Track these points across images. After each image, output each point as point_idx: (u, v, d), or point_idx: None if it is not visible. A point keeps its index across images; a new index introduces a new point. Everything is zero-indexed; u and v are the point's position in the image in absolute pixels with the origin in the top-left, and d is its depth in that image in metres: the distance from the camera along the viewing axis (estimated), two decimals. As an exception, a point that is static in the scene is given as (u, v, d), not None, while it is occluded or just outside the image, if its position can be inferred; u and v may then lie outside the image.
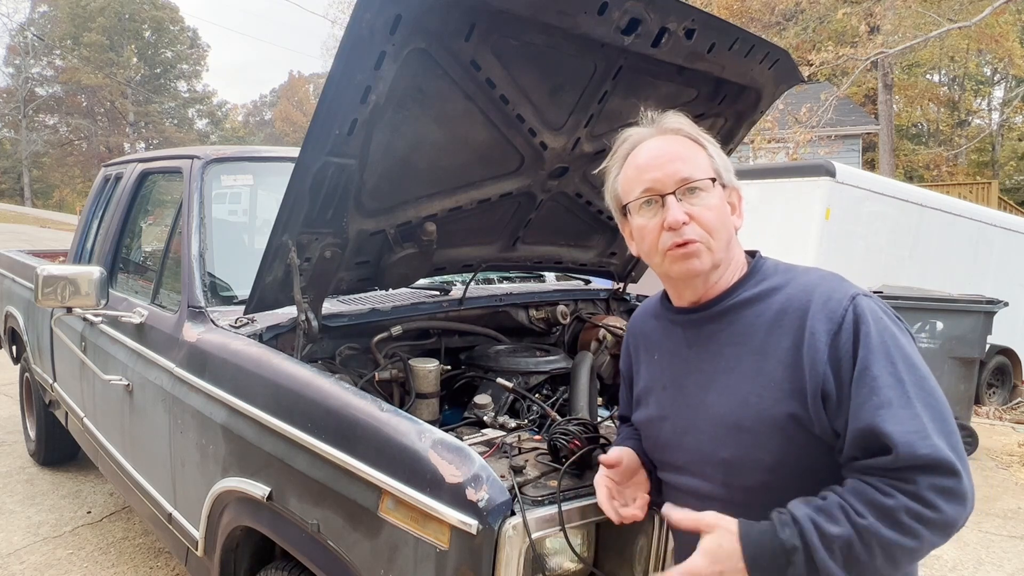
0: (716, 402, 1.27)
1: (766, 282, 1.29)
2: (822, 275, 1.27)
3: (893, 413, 1.11)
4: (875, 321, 1.18)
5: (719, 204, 1.29)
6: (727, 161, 1.35)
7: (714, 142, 1.35)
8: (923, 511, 1.07)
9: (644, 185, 1.29)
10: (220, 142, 47.45)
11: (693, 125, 1.35)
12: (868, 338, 1.16)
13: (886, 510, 1.07)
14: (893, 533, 1.07)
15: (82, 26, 41.28)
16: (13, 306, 4.74)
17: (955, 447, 1.11)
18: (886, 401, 1.12)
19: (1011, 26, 18.82)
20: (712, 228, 1.27)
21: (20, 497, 4.27)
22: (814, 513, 1.10)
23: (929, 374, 1.17)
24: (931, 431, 1.10)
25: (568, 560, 1.47)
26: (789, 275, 1.30)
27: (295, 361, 1.94)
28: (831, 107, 12.69)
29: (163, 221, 3.36)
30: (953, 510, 1.08)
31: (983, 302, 5.55)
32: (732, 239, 1.33)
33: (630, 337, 1.56)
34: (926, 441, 1.09)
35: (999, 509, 4.59)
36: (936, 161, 22.73)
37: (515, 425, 1.98)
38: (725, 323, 1.30)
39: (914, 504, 1.07)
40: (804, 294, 1.23)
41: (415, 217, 2.24)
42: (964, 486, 1.09)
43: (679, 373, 1.37)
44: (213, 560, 2.18)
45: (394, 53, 1.72)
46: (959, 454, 1.11)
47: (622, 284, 3.18)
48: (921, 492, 1.07)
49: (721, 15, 8.93)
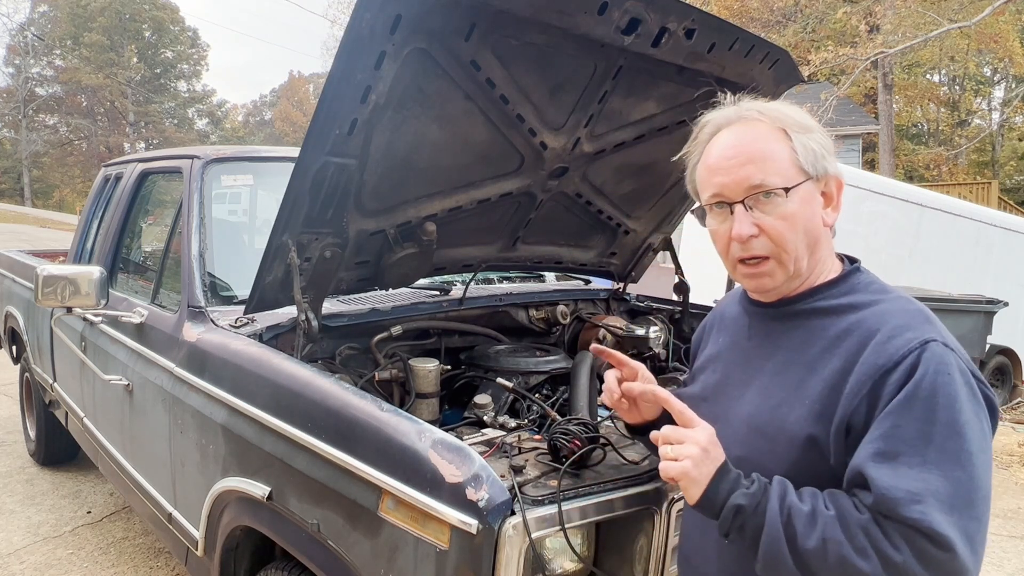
0: (750, 400, 1.25)
1: (848, 297, 1.19)
2: (909, 308, 1.15)
3: (893, 468, 1.02)
4: (937, 374, 1.05)
5: (797, 210, 1.16)
6: (822, 146, 1.19)
7: (807, 125, 1.20)
8: (889, 552, 1.00)
9: (713, 189, 1.21)
10: (220, 142, 47.48)
11: (781, 107, 1.22)
12: (917, 387, 1.04)
13: (850, 520, 1.03)
14: (844, 538, 1.02)
15: (82, 26, 41.29)
16: (13, 306, 4.74)
17: (964, 530, 1.00)
18: (892, 453, 1.03)
19: (1011, 26, 18.81)
20: (784, 241, 1.17)
21: (20, 497, 4.27)
22: (787, 488, 1.11)
23: (979, 456, 1.03)
24: (932, 501, 0.99)
25: (568, 560, 1.47)
26: (876, 296, 1.18)
27: (295, 361, 1.94)
28: (831, 107, 12.69)
29: (163, 221, 3.36)
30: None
31: (983, 302, 5.56)
32: (818, 241, 1.21)
33: (710, 315, 1.55)
34: (917, 506, 0.99)
35: (999, 509, 4.59)
36: (936, 161, 22.71)
37: (515, 425, 1.98)
38: (790, 326, 1.23)
39: (883, 540, 1.00)
40: (877, 321, 1.13)
41: (415, 217, 2.24)
42: (958, 565, 0.99)
43: (732, 362, 1.35)
44: (213, 560, 2.18)
45: (394, 53, 1.72)
46: (966, 538, 1.00)
47: (622, 284, 3.18)
48: (895, 540, 1.00)
49: (721, 15, 8.94)
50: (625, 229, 2.87)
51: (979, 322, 5.51)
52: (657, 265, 3.66)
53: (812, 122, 1.20)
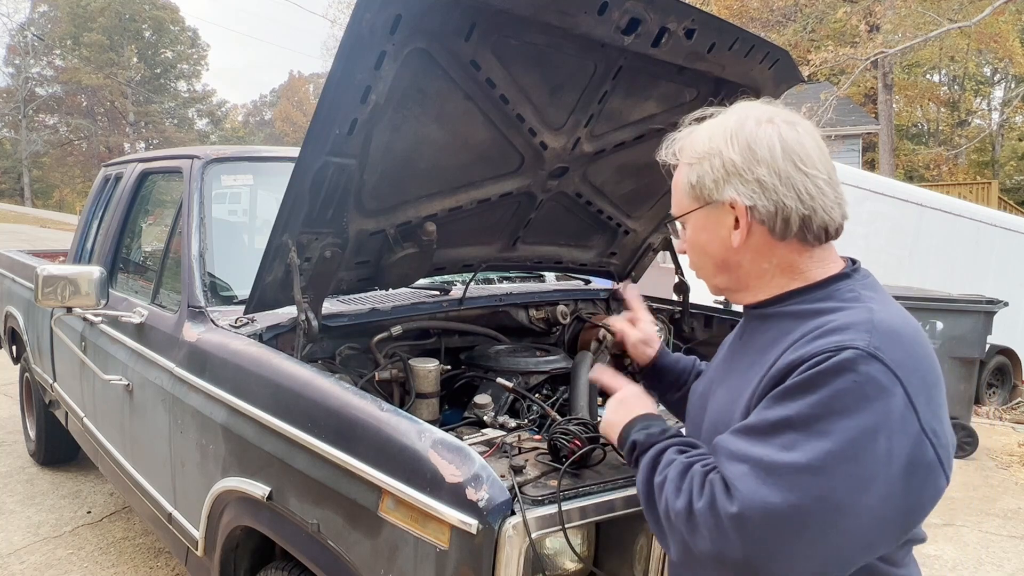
0: (717, 398, 1.27)
1: (821, 303, 1.14)
2: (862, 318, 1.06)
3: (738, 435, 1.06)
4: (834, 374, 0.99)
5: (692, 236, 1.25)
6: (719, 169, 1.17)
7: (706, 151, 1.19)
8: (693, 496, 1.05)
9: None
10: (220, 142, 47.44)
11: (696, 135, 1.23)
12: (805, 379, 1.01)
13: (693, 466, 1.10)
14: (676, 477, 1.10)
15: (82, 26, 41.27)
16: (13, 306, 4.74)
17: (770, 507, 0.97)
18: (747, 427, 1.05)
19: (1011, 26, 18.81)
20: (692, 263, 1.28)
21: (20, 497, 4.27)
22: (683, 441, 1.20)
23: (840, 466, 0.96)
24: (752, 468, 1.00)
25: (568, 560, 1.47)
26: (845, 304, 1.12)
27: (295, 361, 1.94)
28: (831, 107, 12.71)
29: (163, 221, 3.36)
30: (709, 531, 1.01)
31: (983, 302, 5.56)
32: (728, 263, 1.21)
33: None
34: (734, 464, 1.02)
35: (999, 509, 4.59)
36: (936, 161, 22.71)
37: (515, 425, 1.98)
38: (763, 328, 1.23)
39: (698, 487, 1.06)
40: (823, 323, 1.08)
41: (415, 217, 2.24)
42: (744, 533, 0.98)
43: (719, 361, 1.38)
44: (213, 560, 2.18)
45: (394, 53, 1.72)
46: (766, 515, 0.97)
47: (622, 284, 3.18)
48: (704, 488, 1.05)
49: (721, 15, 8.94)
50: (625, 229, 2.87)
51: (979, 322, 5.50)
52: (657, 265, 3.66)
53: (716, 145, 1.18)
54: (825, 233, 1.17)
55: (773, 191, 1.13)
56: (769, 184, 1.13)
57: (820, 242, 1.18)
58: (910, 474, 0.98)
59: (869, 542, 1.00)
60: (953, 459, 1.06)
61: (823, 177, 1.15)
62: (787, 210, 1.13)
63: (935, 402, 1.04)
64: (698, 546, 1.03)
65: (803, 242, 1.17)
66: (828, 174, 1.16)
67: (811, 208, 1.14)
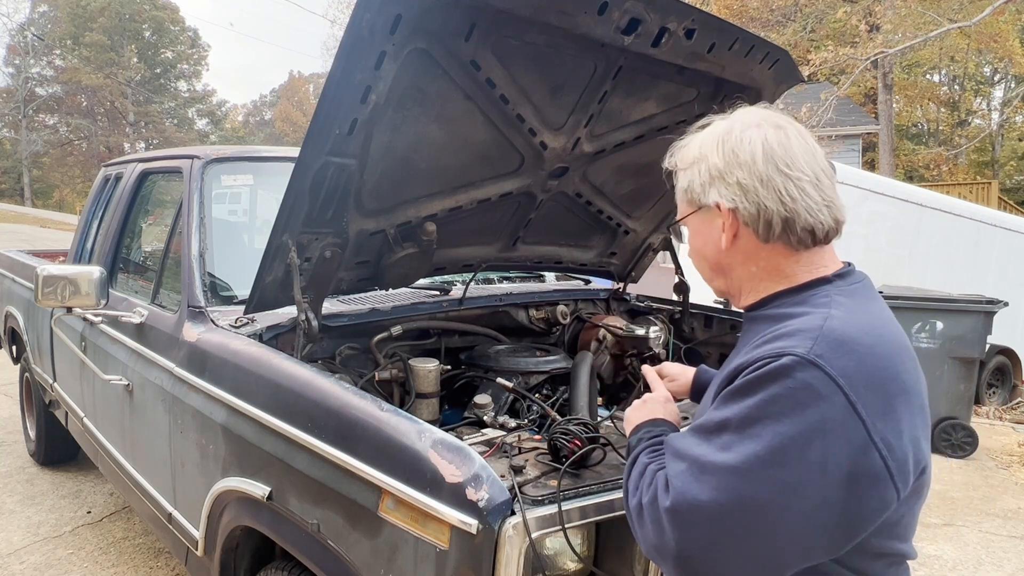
0: (706, 398, 1.28)
1: (796, 307, 1.13)
2: (817, 324, 1.06)
3: (685, 435, 1.10)
4: (770, 379, 1.00)
5: (691, 239, 1.28)
6: (705, 173, 1.18)
7: (696, 156, 1.21)
8: (641, 492, 1.10)
9: None
10: (220, 142, 47.46)
11: (690, 144, 1.24)
12: (745, 383, 1.03)
13: (648, 467, 1.15)
14: (636, 476, 1.16)
15: (82, 26, 41.28)
16: (13, 306, 4.74)
17: (698, 504, 1.00)
18: (695, 427, 1.09)
19: (1011, 26, 18.81)
20: (696, 267, 1.30)
21: (20, 497, 4.27)
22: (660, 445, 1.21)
23: (767, 470, 0.97)
24: (690, 467, 1.04)
25: (568, 560, 1.47)
26: (815, 309, 1.10)
27: (295, 361, 1.94)
28: (831, 107, 12.70)
29: (163, 221, 3.36)
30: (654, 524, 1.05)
31: (983, 302, 5.55)
32: (721, 265, 1.23)
33: None
34: (675, 461, 1.07)
35: (999, 509, 4.59)
36: (936, 161, 22.68)
37: (515, 425, 1.98)
38: (748, 330, 1.23)
39: (648, 485, 1.10)
40: (778, 328, 1.09)
41: (415, 217, 2.24)
42: (678, 524, 1.01)
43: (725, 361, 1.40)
44: (213, 560, 2.18)
45: (394, 53, 1.72)
46: (694, 510, 1.00)
47: (622, 284, 3.19)
48: (650, 485, 1.10)
49: (721, 15, 8.93)
50: (625, 229, 2.87)
51: (979, 322, 5.50)
52: (657, 265, 3.66)
53: (704, 151, 1.20)
54: (812, 236, 1.14)
55: (754, 193, 1.13)
56: (749, 187, 1.14)
57: (806, 245, 1.16)
58: (852, 483, 0.97)
59: (805, 548, 1.00)
60: (910, 474, 1.03)
61: (808, 179, 1.13)
62: (768, 212, 1.13)
63: (895, 414, 1.01)
64: (646, 539, 1.08)
65: (788, 245, 1.16)
66: (815, 176, 1.14)
67: (793, 211, 1.12)
